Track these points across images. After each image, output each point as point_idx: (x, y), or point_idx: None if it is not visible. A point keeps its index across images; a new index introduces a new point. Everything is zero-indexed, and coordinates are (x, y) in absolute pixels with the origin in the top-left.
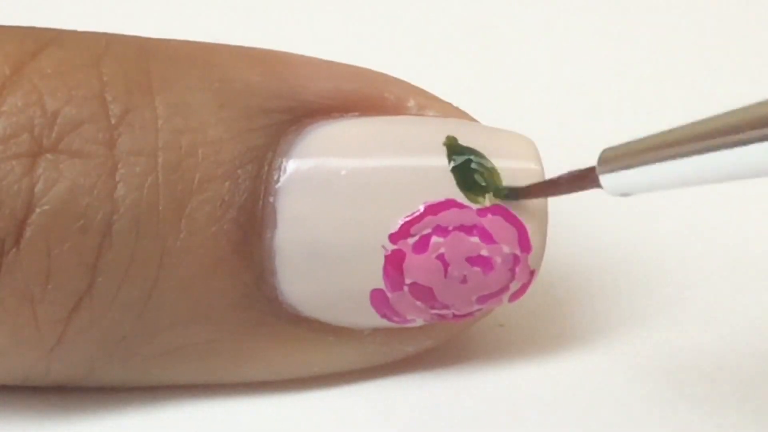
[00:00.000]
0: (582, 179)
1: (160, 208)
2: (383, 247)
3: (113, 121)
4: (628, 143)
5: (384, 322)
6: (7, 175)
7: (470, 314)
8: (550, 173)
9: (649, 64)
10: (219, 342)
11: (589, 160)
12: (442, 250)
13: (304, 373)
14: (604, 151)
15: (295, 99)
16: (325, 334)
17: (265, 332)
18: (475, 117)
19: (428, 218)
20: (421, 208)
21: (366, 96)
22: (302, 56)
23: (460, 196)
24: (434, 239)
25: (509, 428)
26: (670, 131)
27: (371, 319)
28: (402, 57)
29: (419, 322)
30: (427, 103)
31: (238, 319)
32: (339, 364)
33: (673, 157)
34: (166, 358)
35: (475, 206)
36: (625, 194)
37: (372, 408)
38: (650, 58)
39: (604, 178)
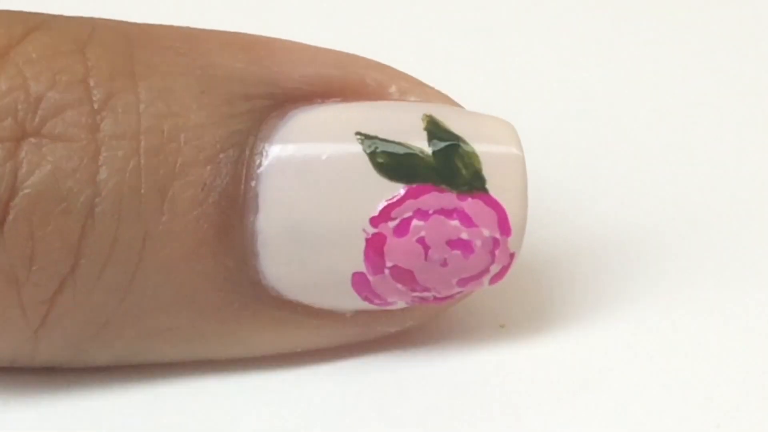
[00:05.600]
0: None
1: (143, 191)
2: (364, 230)
3: (96, 106)
4: None
5: (365, 305)
6: None
7: (451, 297)
8: (543, 163)
9: (649, 62)
10: (202, 325)
11: (586, 154)
12: (422, 233)
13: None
14: None
15: (276, 85)
16: (308, 317)
17: (248, 315)
18: (463, 104)
19: (409, 202)
20: (402, 191)
21: (348, 82)
22: (285, 41)
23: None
24: (415, 223)
25: (509, 427)
26: None
27: (353, 301)
28: (392, 42)
29: (400, 304)
30: (409, 88)
31: (221, 302)
32: (322, 347)
33: None
34: (150, 340)
35: (454, 190)
36: None
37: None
38: (650, 57)
39: None
